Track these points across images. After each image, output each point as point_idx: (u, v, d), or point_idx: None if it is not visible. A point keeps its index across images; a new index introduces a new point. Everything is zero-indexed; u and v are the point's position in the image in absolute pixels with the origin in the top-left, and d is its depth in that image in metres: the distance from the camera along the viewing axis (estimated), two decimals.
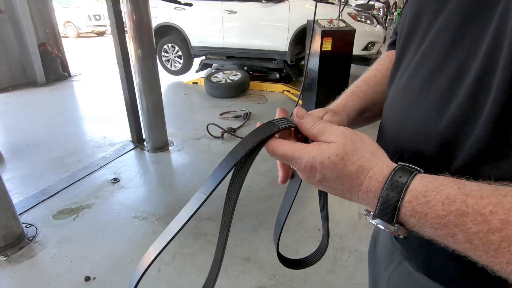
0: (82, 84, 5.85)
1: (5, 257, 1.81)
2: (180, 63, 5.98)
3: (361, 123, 0.58)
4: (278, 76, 5.41)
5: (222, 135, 3.37)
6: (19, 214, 2.07)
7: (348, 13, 4.54)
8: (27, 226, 2.06)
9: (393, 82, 0.49)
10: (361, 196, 0.36)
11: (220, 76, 5.05)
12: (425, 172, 0.34)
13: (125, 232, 2.03)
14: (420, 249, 0.45)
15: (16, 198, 2.33)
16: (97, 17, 13.43)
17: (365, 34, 4.62)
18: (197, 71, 6.09)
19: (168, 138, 3.28)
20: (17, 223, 1.94)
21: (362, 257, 1.84)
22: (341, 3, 3.87)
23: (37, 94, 5.16)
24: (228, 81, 4.94)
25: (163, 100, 3.14)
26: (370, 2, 10.14)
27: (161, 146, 3.16)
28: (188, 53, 5.77)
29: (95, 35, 13.81)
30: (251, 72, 5.52)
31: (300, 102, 3.99)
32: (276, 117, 0.44)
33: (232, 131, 3.42)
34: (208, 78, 4.94)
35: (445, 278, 0.42)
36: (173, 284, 1.66)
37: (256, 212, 2.22)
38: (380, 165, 0.35)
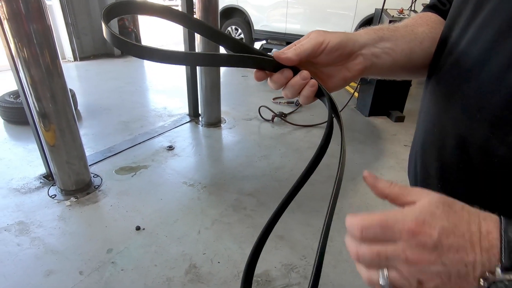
0: (148, 61, 6.30)
1: (75, 198, 2.12)
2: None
3: (383, 60, 0.47)
4: None
5: (273, 118, 3.44)
6: (89, 165, 2.38)
7: (422, 4, 4.19)
8: (94, 176, 2.37)
9: (447, 44, 0.44)
10: (482, 254, 0.27)
11: None
12: None
13: (173, 194, 2.23)
14: None
15: (88, 151, 2.67)
16: None
17: None
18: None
19: (221, 116, 3.44)
20: (87, 172, 2.25)
21: None
22: None
23: (112, 64, 5.72)
24: None
25: (221, 79, 3.29)
26: None
27: (214, 122, 3.34)
28: (250, 36, 5.87)
29: None
30: None
31: (356, 94, 3.87)
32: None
33: (282, 115, 3.47)
34: None
35: None
36: (210, 246, 1.80)
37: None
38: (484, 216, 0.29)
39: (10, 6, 1.63)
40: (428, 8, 0.56)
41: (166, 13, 0.43)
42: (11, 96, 3.18)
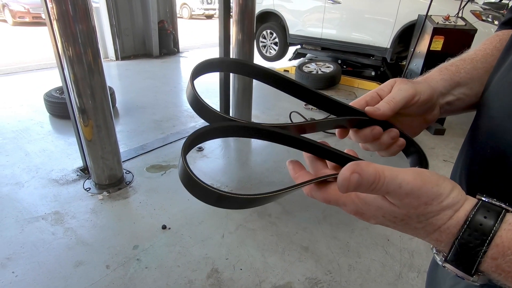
0: (188, 60, 6.48)
1: (107, 193, 2.20)
2: (275, 50, 6.11)
3: (455, 107, 0.46)
4: (373, 73, 5.08)
5: None
6: (122, 161, 2.46)
7: (471, 11, 3.95)
8: (126, 172, 2.45)
9: (502, 66, 0.40)
10: (429, 240, 0.31)
11: (312, 67, 5.00)
12: None
13: None
14: None
15: (122, 148, 2.77)
16: (209, 1, 14.55)
17: (489, 36, 3.96)
18: (290, 60, 6.14)
19: (252, 119, 3.43)
20: (120, 168, 2.33)
21: None
22: None
23: (151, 64, 5.94)
24: (320, 72, 4.86)
25: (253, 83, 3.29)
26: (503, 1, 8.56)
27: None
28: (285, 40, 5.84)
29: (205, 17, 15.02)
30: (344, 66, 5.31)
31: None
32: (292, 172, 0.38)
33: None
34: (299, 67, 4.93)
35: None
36: (233, 252, 1.78)
37: (322, 205, 2.19)
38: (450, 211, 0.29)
39: (59, 7, 1.72)
40: (503, 25, 0.51)
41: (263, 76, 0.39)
42: (57, 91, 3.39)
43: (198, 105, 0.33)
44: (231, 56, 3.16)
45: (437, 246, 0.31)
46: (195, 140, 0.31)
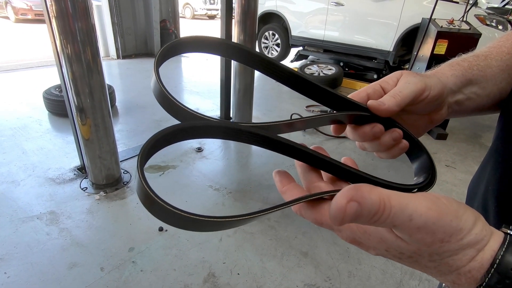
0: (189, 60, 6.46)
1: (104, 193, 2.17)
2: (277, 51, 6.08)
3: (464, 107, 0.41)
4: (375, 76, 5.05)
5: None
6: (120, 161, 2.43)
7: (475, 15, 3.92)
8: (124, 172, 2.41)
9: None
10: (447, 278, 0.26)
11: (314, 69, 4.97)
12: None
13: (198, 197, 2.21)
14: None
15: (120, 147, 2.74)
16: (211, 1, 14.55)
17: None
18: (291, 61, 6.11)
19: (253, 120, 3.40)
20: (117, 168, 2.29)
21: None
22: (468, 2, 3.36)
23: (152, 63, 5.89)
24: (321, 74, 4.83)
25: (254, 84, 3.26)
26: (507, 6, 8.53)
27: None
28: (287, 42, 5.82)
29: (207, 18, 15.01)
30: (346, 69, 5.29)
31: None
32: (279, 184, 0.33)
33: None
34: (301, 69, 4.91)
35: None
36: (231, 256, 1.75)
37: None
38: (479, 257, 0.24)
39: (59, 5, 1.70)
40: None
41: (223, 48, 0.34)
42: (56, 89, 3.36)
43: (165, 101, 0.28)
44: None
45: None
46: (153, 148, 0.26)
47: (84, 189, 2.20)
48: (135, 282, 1.55)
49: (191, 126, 0.27)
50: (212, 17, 15.10)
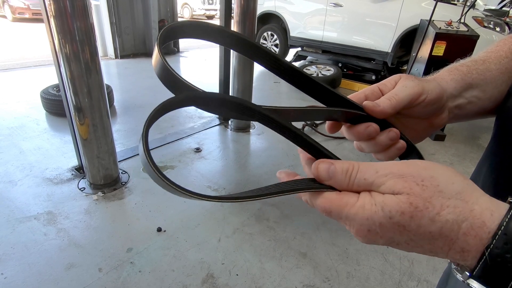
0: (187, 60, 6.45)
1: (102, 193, 2.15)
2: (275, 52, 6.09)
3: (466, 111, 0.41)
4: (374, 77, 5.07)
5: (303, 127, 3.34)
6: (119, 161, 2.42)
7: (473, 17, 3.93)
8: (123, 172, 2.40)
9: None
10: (452, 255, 0.26)
11: (312, 70, 4.98)
12: None
13: None
14: None
15: (119, 147, 2.73)
16: (210, 2, 14.53)
17: (491, 43, 3.95)
18: (290, 62, 6.12)
19: (251, 122, 3.40)
20: (115, 168, 2.28)
21: None
22: (466, 4, 3.37)
23: (150, 63, 5.89)
24: (320, 75, 4.84)
25: (253, 84, 3.26)
26: (504, 8, 8.58)
27: (243, 127, 3.30)
28: (286, 43, 5.82)
29: (206, 18, 14.99)
30: (344, 70, 5.30)
31: None
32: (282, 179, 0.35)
33: (313, 125, 3.36)
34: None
35: None
36: (230, 256, 1.74)
37: None
38: (477, 212, 0.24)
39: (57, 4, 1.69)
40: None
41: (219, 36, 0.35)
42: (54, 88, 3.34)
43: (168, 77, 0.30)
44: (231, 56, 3.12)
45: (461, 260, 0.25)
46: (157, 113, 0.27)
47: (82, 189, 2.19)
48: (133, 283, 1.54)
49: (206, 96, 0.29)
50: (210, 17, 15.08)
